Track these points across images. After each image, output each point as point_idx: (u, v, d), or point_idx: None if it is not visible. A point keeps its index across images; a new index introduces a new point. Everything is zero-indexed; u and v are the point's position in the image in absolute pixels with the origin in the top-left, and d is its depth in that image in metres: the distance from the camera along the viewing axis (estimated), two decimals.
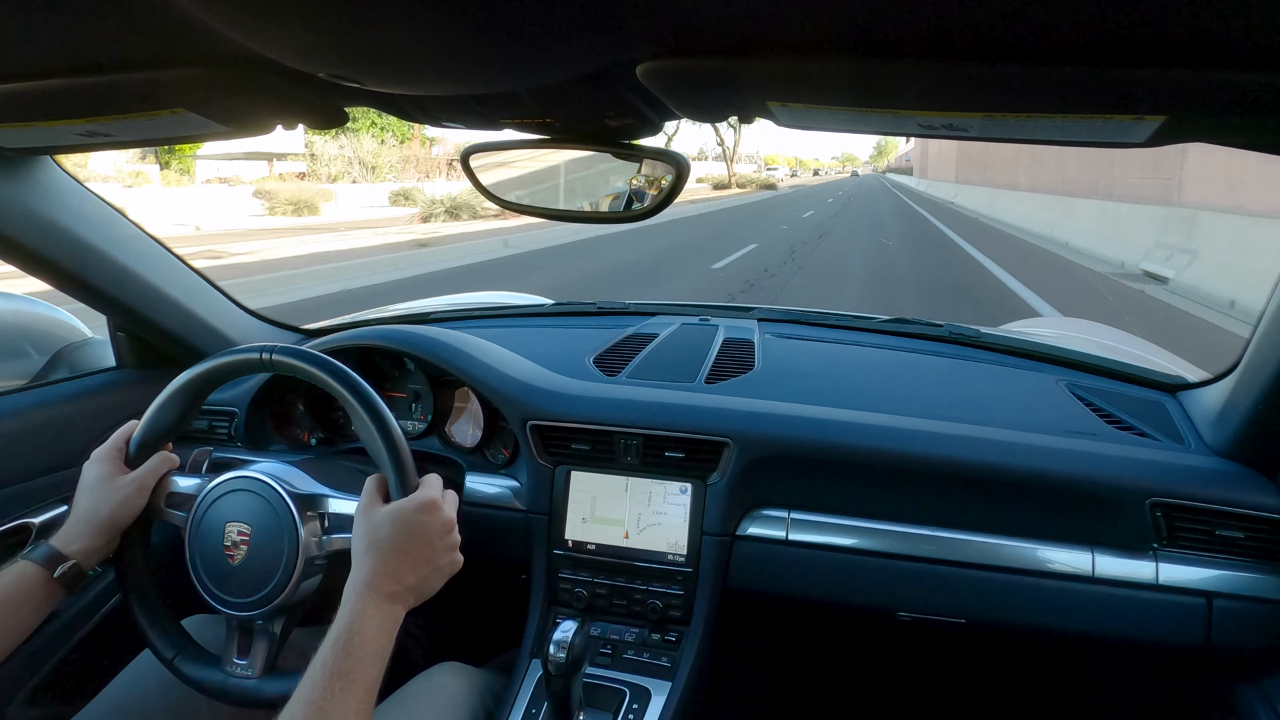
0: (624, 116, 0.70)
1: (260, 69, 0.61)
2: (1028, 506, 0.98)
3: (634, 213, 0.82)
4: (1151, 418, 1.11)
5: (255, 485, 0.86)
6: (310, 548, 0.84)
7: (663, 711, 0.95)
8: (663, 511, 1.06)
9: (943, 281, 8.87)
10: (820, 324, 1.51)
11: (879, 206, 25.87)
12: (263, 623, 0.85)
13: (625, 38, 0.51)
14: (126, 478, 0.86)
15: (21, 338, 1.48)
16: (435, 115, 0.74)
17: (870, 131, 0.66)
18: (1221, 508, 0.92)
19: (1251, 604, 0.91)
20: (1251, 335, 0.93)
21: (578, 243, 12.31)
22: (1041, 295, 7.37)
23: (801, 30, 0.48)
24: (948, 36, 0.45)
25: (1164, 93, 0.48)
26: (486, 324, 1.57)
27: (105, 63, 0.62)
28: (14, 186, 0.98)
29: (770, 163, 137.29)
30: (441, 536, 0.78)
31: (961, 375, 1.28)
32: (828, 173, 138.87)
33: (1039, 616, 0.97)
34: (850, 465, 1.02)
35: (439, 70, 0.56)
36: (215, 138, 0.81)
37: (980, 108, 0.54)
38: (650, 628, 1.05)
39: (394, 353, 1.24)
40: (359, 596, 0.71)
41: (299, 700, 0.64)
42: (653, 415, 1.07)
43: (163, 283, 1.21)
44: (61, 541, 0.82)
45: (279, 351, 0.85)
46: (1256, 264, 6.89)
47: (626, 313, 1.60)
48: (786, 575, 1.04)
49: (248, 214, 17.71)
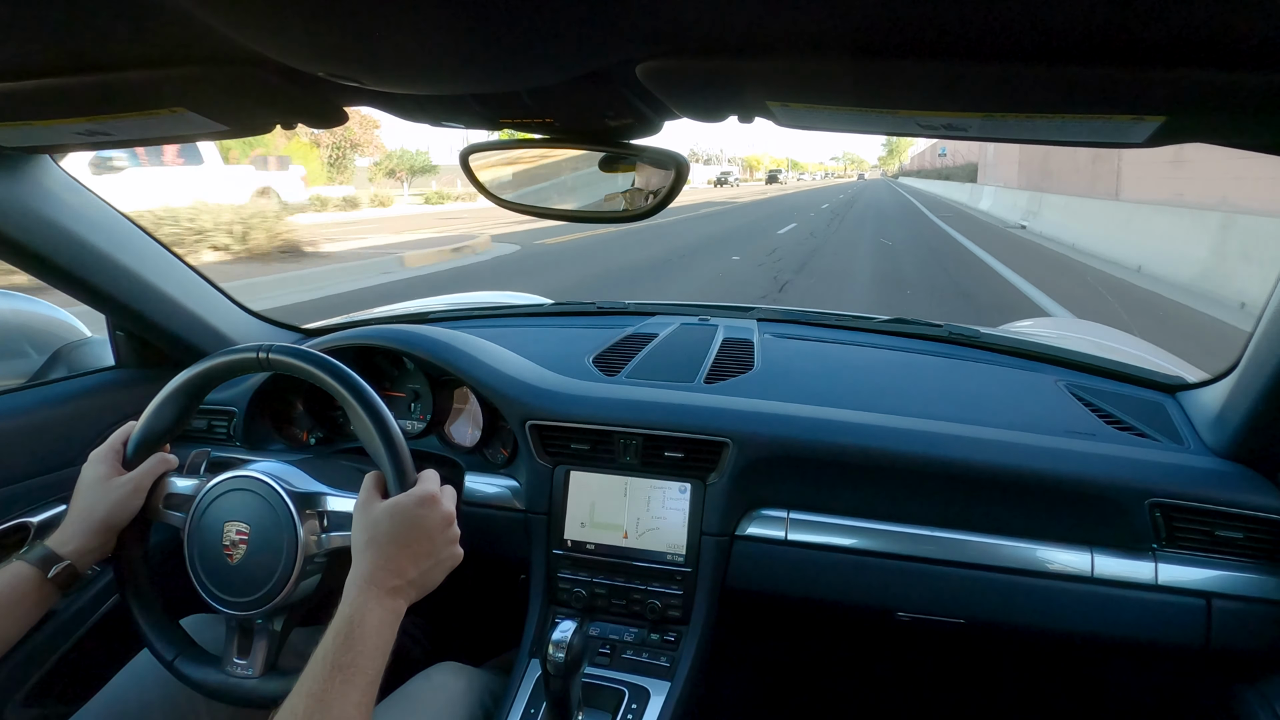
0: (624, 116, 0.70)
1: (260, 68, 0.61)
2: (1027, 507, 0.98)
3: (633, 212, 0.82)
4: (1151, 418, 1.11)
5: (254, 484, 0.86)
6: (309, 546, 0.84)
7: (662, 711, 0.95)
8: (662, 512, 1.06)
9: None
10: (820, 324, 1.51)
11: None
12: (262, 622, 0.85)
13: (625, 38, 0.51)
14: (123, 479, 0.86)
15: (20, 337, 1.48)
16: (435, 115, 0.74)
17: (870, 131, 0.66)
18: (1221, 508, 0.92)
19: (1251, 604, 0.91)
20: (1251, 335, 0.93)
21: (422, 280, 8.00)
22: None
23: (801, 30, 0.48)
24: (948, 36, 0.45)
25: (1164, 93, 0.48)
26: (486, 324, 1.57)
27: (105, 62, 0.62)
28: (14, 186, 0.98)
29: (752, 165, 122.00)
30: (441, 530, 0.78)
31: (961, 375, 1.28)
32: (811, 177, 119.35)
33: (1038, 617, 0.97)
34: (849, 465, 1.02)
35: (439, 70, 0.56)
36: (215, 137, 0.81)
37: (980, 108, 0.54)
38: (649, 628, 1.05)
39: (393, 352, 1.24)
40: (360, 591, 0.71)
41: (300, 693, 0.64)
42: (652, 415, 1.07)
43: (162, 282, 1.21)
44: (56, 542, 0.82)
45: (276, 351, 0.85)
46: (1074, 222, 11.95)
47: (626, 312, 1.60)
48: (786, 575, 1.04)
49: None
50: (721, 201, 28.44)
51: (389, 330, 1.22)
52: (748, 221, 17.66)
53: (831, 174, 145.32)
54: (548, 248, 11.08)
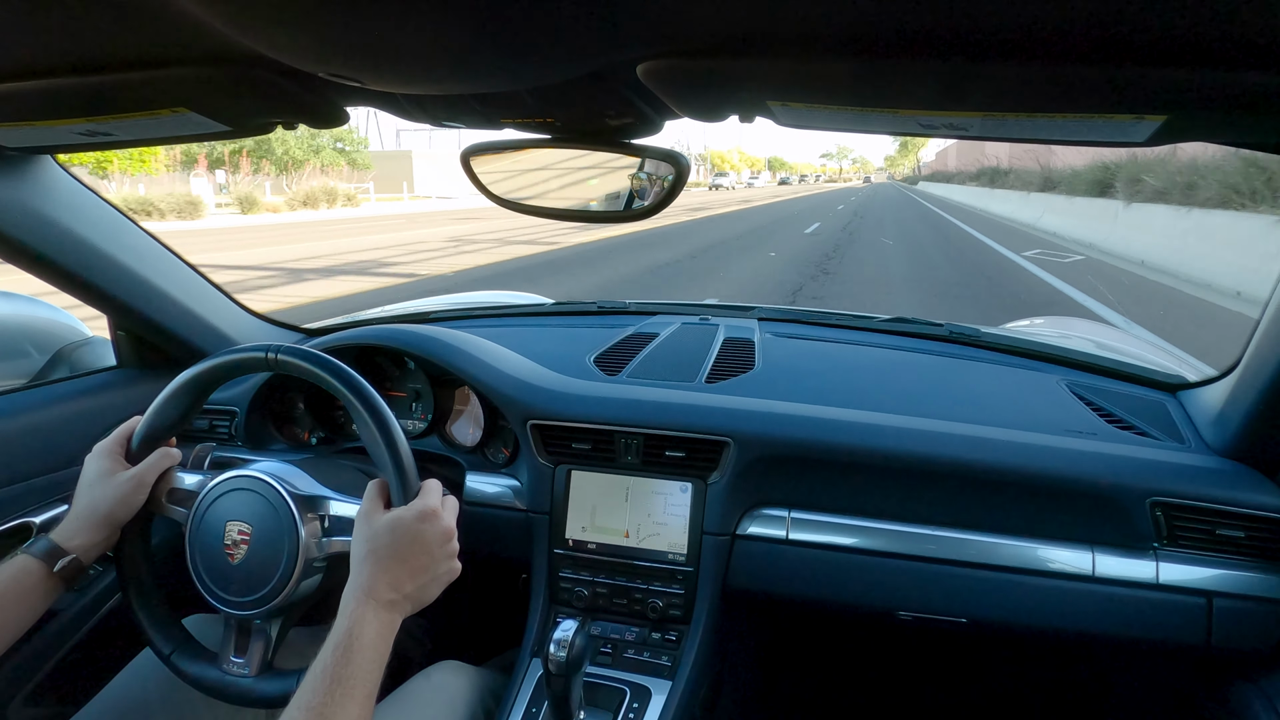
0: (624, 116, 0.71)
1: (261, 68, 0.61)
2: (1028, 506, 0.98)
3: (634, 212, 0.82)
4: (1152, 417, 1.11)
5: (256, 485, 0.86)
6: (310, 549, 0.84)
7: (663, 711, 0.95)
8: (663, 511, 1.06)
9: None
10: (821, 323, 1.51)
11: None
12: (261, 622, 0.85)
13: (625, 38, 0.51)
14: (127, 473, 0.86)
15: (22, 337, 1.48)
16: (436, 114, 0.74)
17: (870, 131, 0.66)
18: (1222, 507, 0.92)
19: (1252, 603, 0.91)
20: (1252, 335, 0.93)
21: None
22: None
23: (802, 30, 0.48)
24: (948, 36, 0.45)
25: (1164, 92, 0.48)
26: (487, 323, 1.57)
27: (105, 62, 0.62)
28: (14, 186, 0.98)
29: (721, 167, 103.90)
30: (440, 545, 0.78)
31: (961, 375, 1.28)
32: (800, 179, 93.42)
33: (1039, 616, 0.97)
34: (850, 465, 1.02)
35: (439, 70, 0.56)
36: (216, 137, 0.81)
37: (980, 107, 0.54)
38: (650, 627, 1.05)
39: (395, 352, 1.24)
40: (357, 603, 0.71)
41: (299, 705, 0.65)
42: (653, 415, 1.07)
43: (163, 282, 1.21)
44: (61, 536, 0.82)
45: (284, 352, 0.85)
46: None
47: (627, 312, 1.60)
48: (787, 575, 1.05)
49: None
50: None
51: (391, 330, 1.22)
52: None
53: (823, 177, 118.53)
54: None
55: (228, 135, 0.80)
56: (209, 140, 0.83)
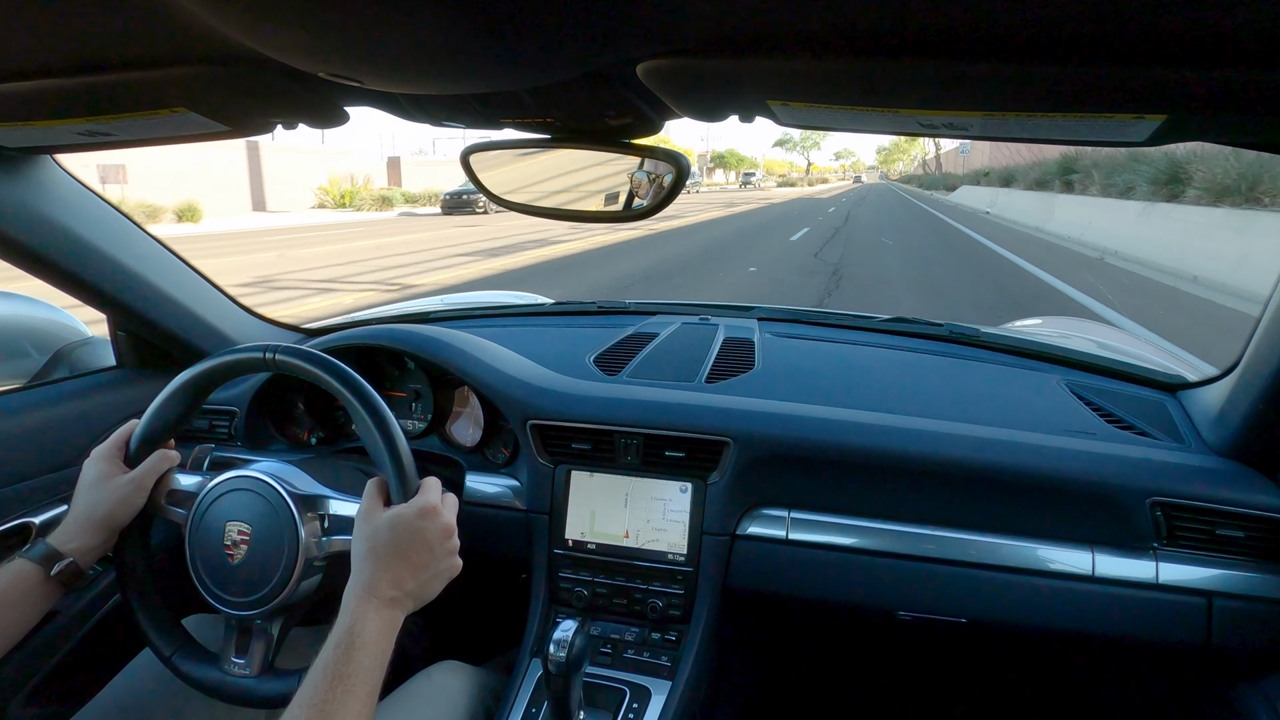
0: (624, 116, 0.71)
1: (260, 68, 0.61)
2: (1028, 506, 0.98)
3: (634, 212, 0.82)
4: (1152, 417, 1.11)
5: (256, 485, 0.86)
6: (310, 548, 0.84)
7: (663, 711, 0.95)
8: (663, 511, 1.06)
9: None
10: (820, 323, 1.51)
11: None
12: (261, 622, 0.85)
13: (625, 38, 0.51)
14: (125, 477, 0.86)
15: (22, 337, 1.48)
16: (436, 114, 0.74)
17: (871, 130, 0.66)
18: (1222, 507, 0.92)
19: (1252, 603, 0.91)
20: (1252, 335, 0.93)
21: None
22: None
23: (802, 30, 0.48)
24: (948, 36, 0.45)
25: (1164, 92, 0.48)
26: (487, 323, 1.57)
27: (105, 62, 0.62)
28: (14, 186, 0.98)
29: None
30: (441, 542, 0.78)
31: (961, 374, 1.28)
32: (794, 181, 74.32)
33: (1039, 616, 0.97)
34: (850, 464, 1.02)
35: (439, 70, 0.56)
36: (216, 137, 0.81)
37: (980, 107, 0.54)
38: (650, 627, 1.05)
39: (394, 352, 1.24)
40: (359, 600, 0.71)
41: (300, 703, 0.65)
42: (653, 415, 1.07)
43: (163, 282, 1.21)
44: (59, 539, 0.82)
45: (283, 351, 0.85)
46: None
47: (627, 312, 1.60)
48: (787, 575, 1.04)
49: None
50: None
51: (390, 330, 1.22)
52: None
53: (770, 178, 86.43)
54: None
55: (228, 135, 0.80)
56: (209, 140, 0.83)
